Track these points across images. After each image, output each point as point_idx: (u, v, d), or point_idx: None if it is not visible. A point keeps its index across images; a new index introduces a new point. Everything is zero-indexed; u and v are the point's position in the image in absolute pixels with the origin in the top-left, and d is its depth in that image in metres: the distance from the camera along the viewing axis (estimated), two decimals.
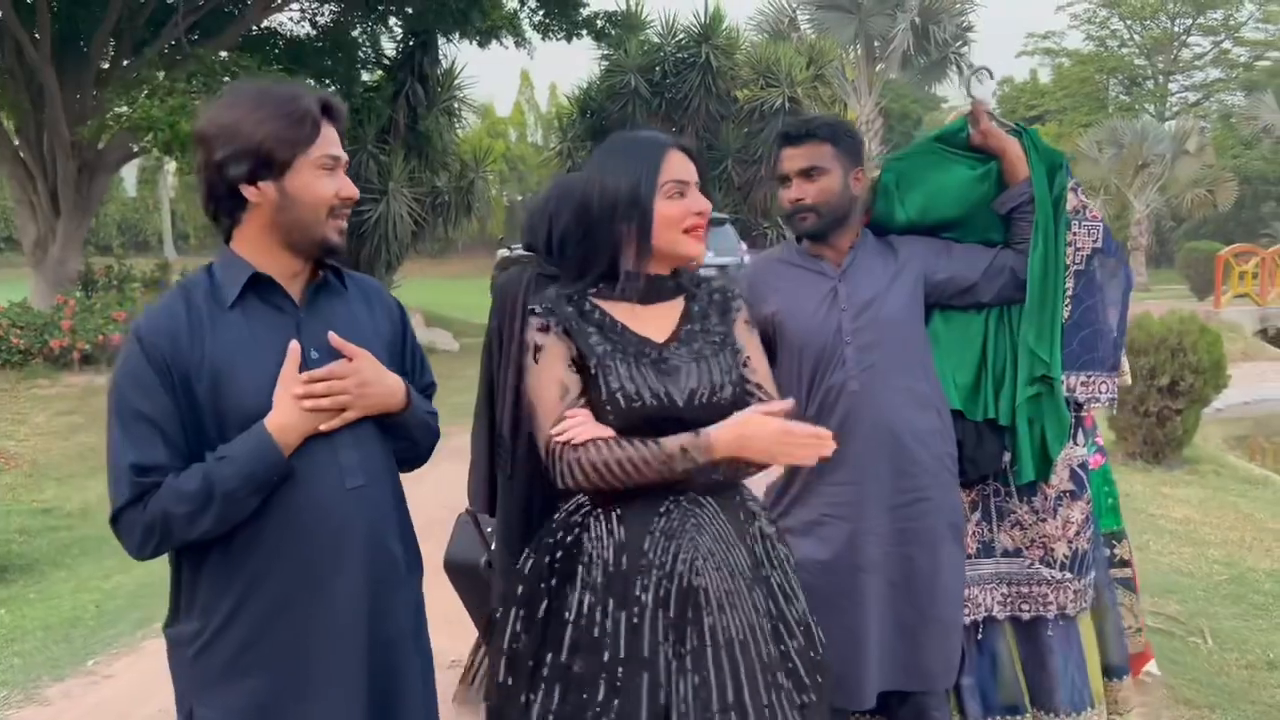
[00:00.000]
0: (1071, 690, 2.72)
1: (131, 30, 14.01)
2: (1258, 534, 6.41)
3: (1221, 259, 21.25)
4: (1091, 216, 2.67)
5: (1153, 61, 48.80)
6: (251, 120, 1.73)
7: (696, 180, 1.99)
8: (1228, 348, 18.08)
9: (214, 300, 1.77)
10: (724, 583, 1.85)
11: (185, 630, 1.78)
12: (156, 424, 1.70)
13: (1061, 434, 2.61)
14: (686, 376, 1.88)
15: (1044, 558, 2.70)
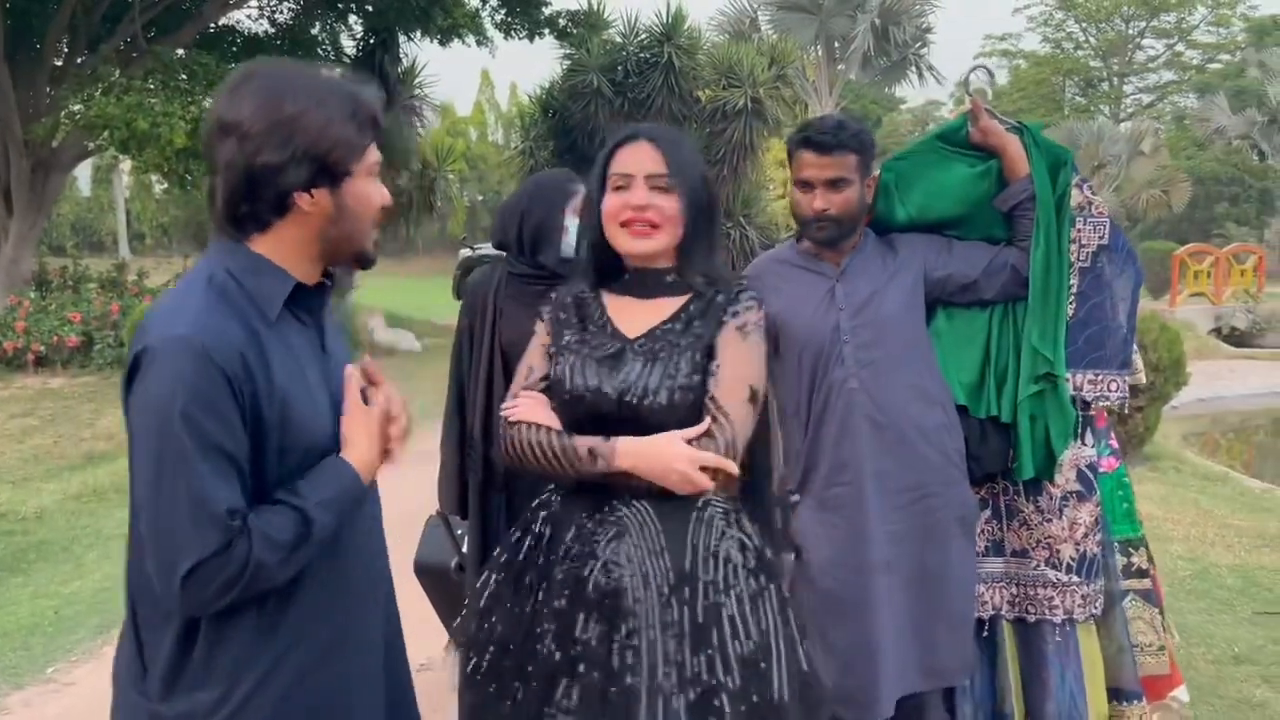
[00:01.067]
0: (1067, 704, 2.67)
1: (86, 26, 13.80)
2: (1219, 530, 6.49)
3: (1177, 259, 21.59)
4: (1098, 213, 2.68)
5: (1108, 64, 49.50)
6: (318, 120, 1.52)
7: (654, 172, 1.91)
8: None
9: (258, 312, 1.53)
10: (634, 590, 1.79)
11: (200, 702, 1.50)
12: (235, 459, 1.46)
13: (1065, 431, 2.60)
14: (626, 374, 1.86)
15: (1050, 559, 2.68)
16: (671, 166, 1.91)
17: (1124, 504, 2.88)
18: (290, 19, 16.53)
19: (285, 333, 1.56)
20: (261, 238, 1.57)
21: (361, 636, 1.66)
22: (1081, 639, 2.70)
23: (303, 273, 1.60)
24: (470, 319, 3.01)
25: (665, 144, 1.93)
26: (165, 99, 11.71)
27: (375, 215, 1.64)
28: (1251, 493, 7.89)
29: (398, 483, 6.66)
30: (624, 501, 1.84)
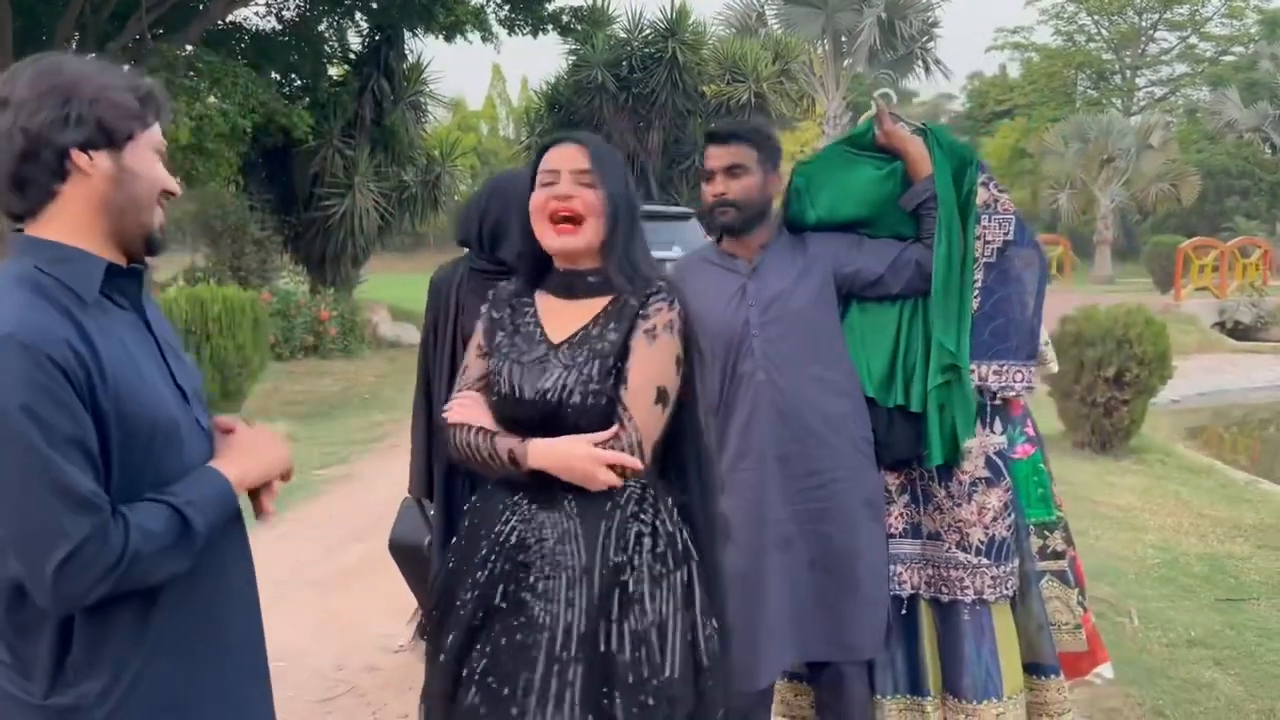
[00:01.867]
0: (982, 677, 2.77)
1: (94, 25, 13.96)
2: (1195, 520, 6.59)
3: (1182, 252, 21.59)
4: (1003, 209, 2.78)
5: (1120, 56, 49.32)
6: (95, 84, 1.54)
7: (579, 168, 1.99)
8: (1185, 340, 18.47)
9: (75, 299, 1.52)
10: (544, 572, 1.92)
11: (87, 690, 1.53)
12: (86, 448, 1.45)
13: (968, 420, 2.71)
14: (546, 378, 1.97)
15: (960, 542, 2.77)
16: (595, 164, 2.00)
17: (1039, 489, 2.97)
18: (296, 16, 16.70)
19: (106, 318, 1.55)
20: (50, 220, 1.55)
21: (236, 605, 1.73)
22: (995, 617, 2.79)
23: (106, 255, 1.59)
24: (434, 314, 3.14)
25: (590, 145, 2.03)
26: (170, 97, 11.85)
27: (160, 186, 1.63)
28: (1234, 484, 7.97)
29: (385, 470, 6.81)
30: (548, 492, 1.96)
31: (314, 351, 13.71)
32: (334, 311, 14.08)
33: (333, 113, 15.83)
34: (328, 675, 4.09)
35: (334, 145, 15.75)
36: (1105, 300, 9.97)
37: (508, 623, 1.91)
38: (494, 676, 1.89)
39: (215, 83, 12.93)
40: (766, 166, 2.70)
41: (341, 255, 16.36)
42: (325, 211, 15.84)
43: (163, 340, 1.68)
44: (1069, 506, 6.65)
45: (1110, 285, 29.77)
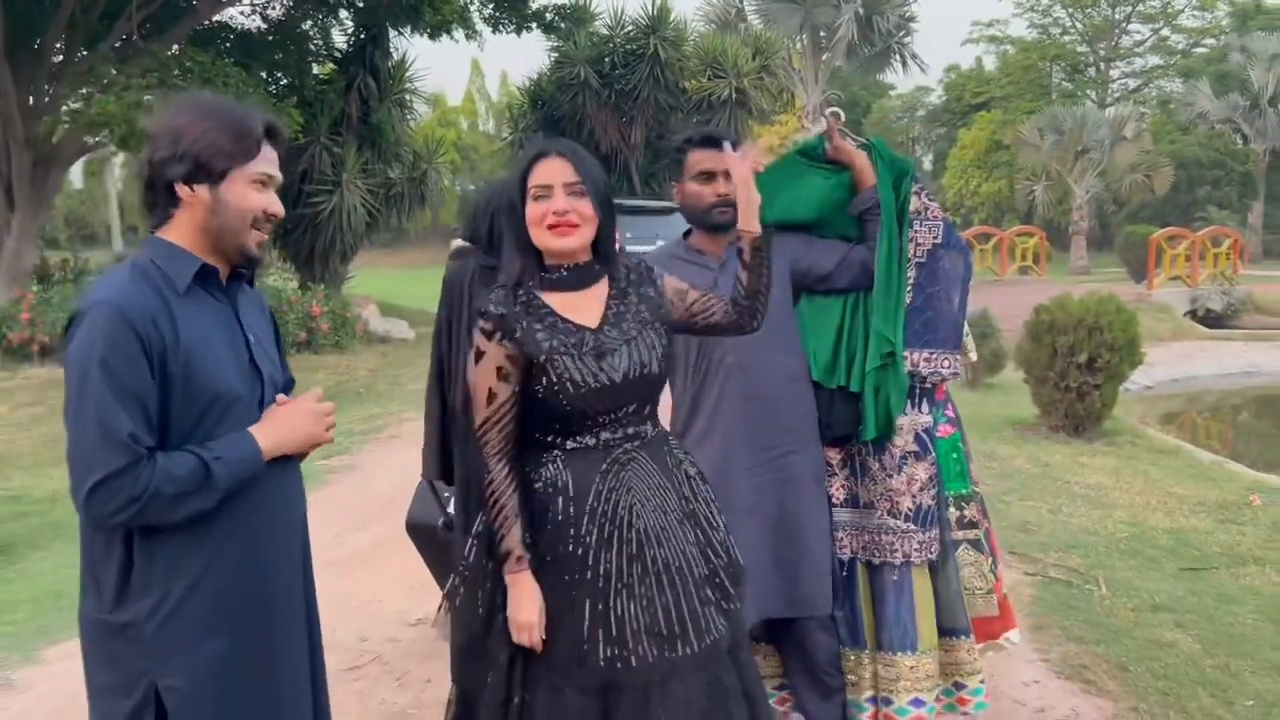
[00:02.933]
0: (900, 632, 3.06)
1: (85, 25, 14.13)
2: (1163, 498, 6.93)
3: (1154, 242, 22.01)
4: (933, 216, 3.08)
5: (1094, 48, 49.83)
6: (199, 128, 1.89)
7: (569, 181, 2.21)
8: (1158, 328, 18.89)
9: (169, 285, 1.88)
10: (658, 521, 2.24)
11: (141, 608, 1.85)
12: (142, 401, 1.79)
13: (900, 399, 3.02)
14: (619, 358, 2.22)
15: (891, 510, 3.07)
16: (583, 175, 2.23)
17: (957, 465, 3.27)
18: (282, 15, 16.88)
19: (196, 304, 1.91)
20: (170, 228, 1.94)
21: (278, 553, 2.02)
22: (915, 579, 3.09)
23: (208, 259, 1.94)
24: (449, 307, 3.39)
25: (575, 156, 2.25)
26: (162, 96, 12.06)
27: (252, 214, 1.95)
28: (1200, 465, 8.32)
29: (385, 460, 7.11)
30: (625, 454, 2.25)
31: (306, 347, 13.93)
32: (325, 307, 14.29)
33: (320, 111, 16.04)
34: (351, 647, 4.36)
35: (321, 143, 15.96)
36: (1081, 290, 10.31)
37: (647, 580, 2.21)
38: (660, 624, 2.20)
39: (206, 82, 13.08)
40: None
41: (330, 252, 16.58)
42: (314, 208, 16.05)
43: (250, 331, 2.02)
44: (1044, 486, 7.02)
45: (1086, 275, 30.20)
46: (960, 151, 47.35)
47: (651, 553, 2.22)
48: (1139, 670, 4.06)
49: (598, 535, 2.21)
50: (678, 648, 2.19)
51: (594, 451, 2.24)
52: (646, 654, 2.17)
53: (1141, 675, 4.02)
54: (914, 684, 3.05)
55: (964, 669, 3.18)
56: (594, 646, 2.17)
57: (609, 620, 2.18)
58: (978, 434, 9.01)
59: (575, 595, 2.20)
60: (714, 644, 2.24)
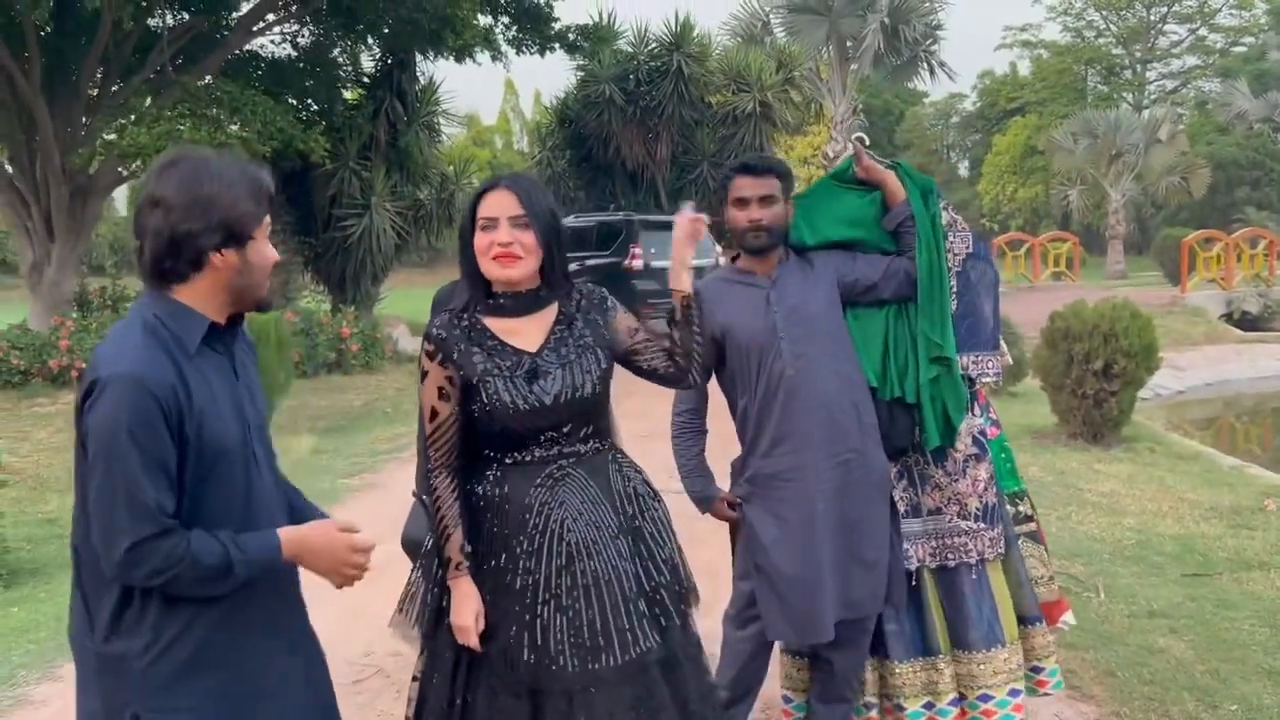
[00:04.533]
0: (986, 630, 3.20)
1: (118, 59, 14.49)
2: (1174, 504, 6.92)
3: (1187, 245, 21.79)
4: (962, 228, 3.26)
5: (1130, 50, 49.42)
6: (229, 197, 1.96)
7: (514, 214, 2.32)
8: (1192, 331, 18.68)
9: (180, 348, 1.96)
10: (589, 535, 2.34)
11: (134, 644, 1.94)
12: (166, 468, 1.89)
13: (960, 406, 3.15)
14: (551, 381, 2.33)
15: (961, 512, 3.21)
16: (527, 208, 2.33)
17: (1007, 464, 3.45)
18: (311, 43, 17.21)
19: (202, 362, 2.00)
20: (186, 288, 1.99)
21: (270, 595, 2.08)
22: (991, 577, 3.24)
23: (214, 314, 2.02)
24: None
25: (520, 190, 2.35)
26: (193, 126, 12.39)
27: (271, 267, 2.07)
28: (1219, 470, 8.28)
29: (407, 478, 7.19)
30: (560, 470, 2.37)
31: (337, 368, 14.17)
32: (355, 329, 14.53)
33: (348, 136, 16.33)
34: (356, 661, 4.50)
35: (350, 167, 16.24)
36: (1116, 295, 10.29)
37: (575, 592, 2.32)
38: (584, 636, 2.30)
39: (235, 112, 13.42)
40: (787, 195, 3.15)
41: (361, 274, 16.85)
42: (344, 232, 16.34)
43: (244, 381, 2.11)
44: (1056, 494, 7.03)
45: (1123, 280, 29.91)
46: (995, 157, 47.14)
47: (581, 565, 2.33)
48: (1126, 676, 4.11)
49: (528, 546, 2.33)
50: (601, 659, 2.29)
51: (530, 466, 2.36)
52: (568, 664, 2.28)
53: (1129, 681, 4.07)
54: (1009, 676, 3.23)
55: (1040, 653, 3.36)
56: (520, 652, 2.30)
57: (535, 628, 2.30)
58: None
59: (507, 602, 2.33)
60: (640, 657, 2.32)
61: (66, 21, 13.19)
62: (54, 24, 13.52)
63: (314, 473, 8.46)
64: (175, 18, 15.20)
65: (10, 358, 12.04)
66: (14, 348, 12.17)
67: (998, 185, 46.18)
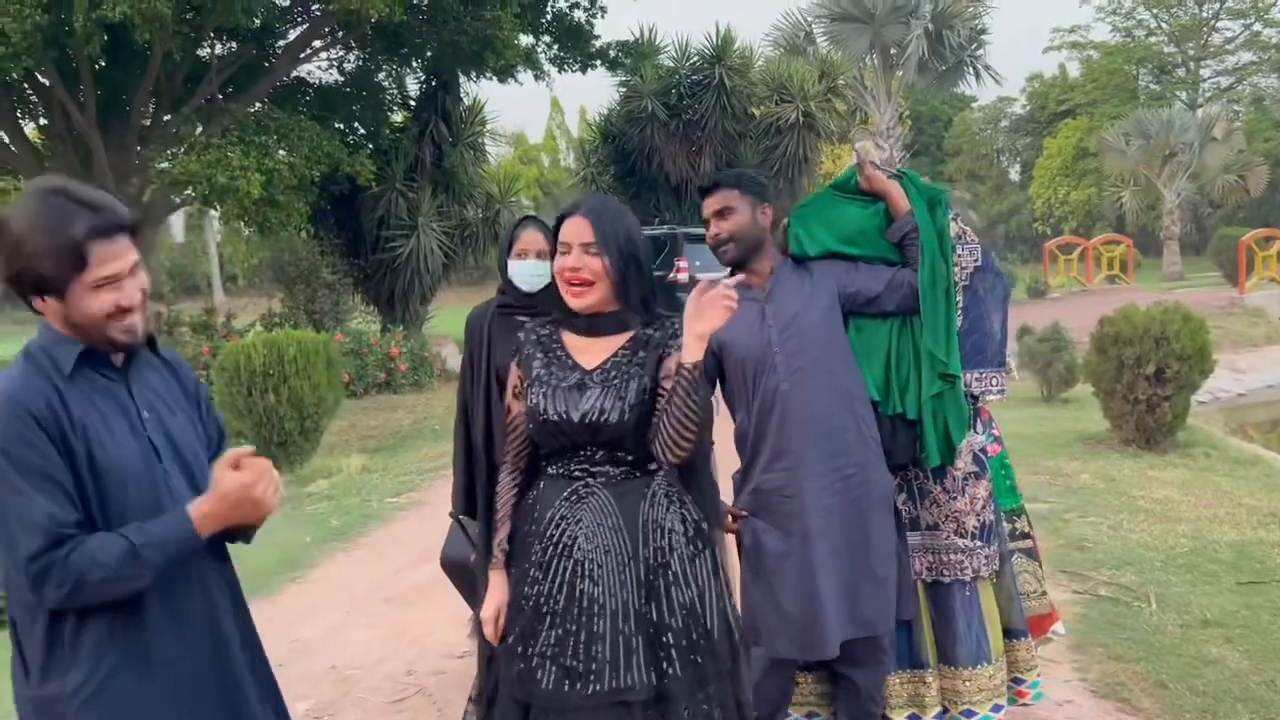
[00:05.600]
0: (974, 647, 3.17)
1: (169, 90, 14.84)
2: (1232, 509, 6.75)
3: (1244, 245, 21.35)
4: (971, 240, 3.21)
5: (1182, 48, 48.59)
6: (29, 246, 1.90)
7: (585, 241, 2.37)
8: (1253, 332, 18.27)
9: (56, 371, 1.95)
10: (596, 559, 2.33)
11: (71, 680, 1.90)
12: (55, 479, 1.86)
13: (962, 425, 3.09)
14: (587, 399, 2.35)
15: (958, 530, 3.17)
16: (598, 235, 2.37)
17: (1006, 481, 3.41)
18: (356, 68, 17.48)
19: (87, 385, 1.98)
20: (48, 316, 2.00)
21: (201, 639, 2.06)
22: (982, 594, 3.19)
23: (92, 343, 1.99)
24: (470, 348, 3.56)
25: (595, 216, 2.40)
26: (242, 153, 12.62)
27: (102, 316, 1.95)
28: (1279, 474, 8.09)
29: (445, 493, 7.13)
30: (586, 488, 2.39)
31: (386, 387, 14.31)
32: (404, 348, 14.68)
33: (395, 158, 16.54)
34: (399, 680, 4.52)
35: (397, 189, 16.45)
36: (1172, 297, 10.10)
37: (571, 610, 2.32)
38: (567, 656, 2.29)
39: (283, 138, 13.65)
40: (752, 201, 3.08)
41: (409, 294, 17.03)
42: (392, 253, 16.54)
43: (144, 406, 2.06)
44: (1110, 501, 6.90)
45: (1180, 281, 29.40)
46: (1047, 160, 46.57)
47: (581, 586, 2.32)
48: (1178, 688, 4.00)
49: (540, 556, 2.37)
50: (577, 684, 2.27)
51: (561, 480, 2.41)
52: (545, 680, 2.30)
53: (1180, 693, 3.96)
54: (993, 693, 3.20)
55: (1023, 666, 3.33)
56: (514, 660, 2.36)
57: (528, 638, 2.34)
58: (1047, 450, 8.90)
59: (515, 606, 2.41)
60: (618, 691, 2.26)
61: (119, 55, 13.51)
62: (107, 58, 13.83)
63: (362, 490, 8.55)
64: (224, 48, 15.52)
65: None
66: None
67: (1049, 189, 45.60)
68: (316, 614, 5.47)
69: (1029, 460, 8.47)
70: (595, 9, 16.88)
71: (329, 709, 4.20)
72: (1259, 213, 36.07)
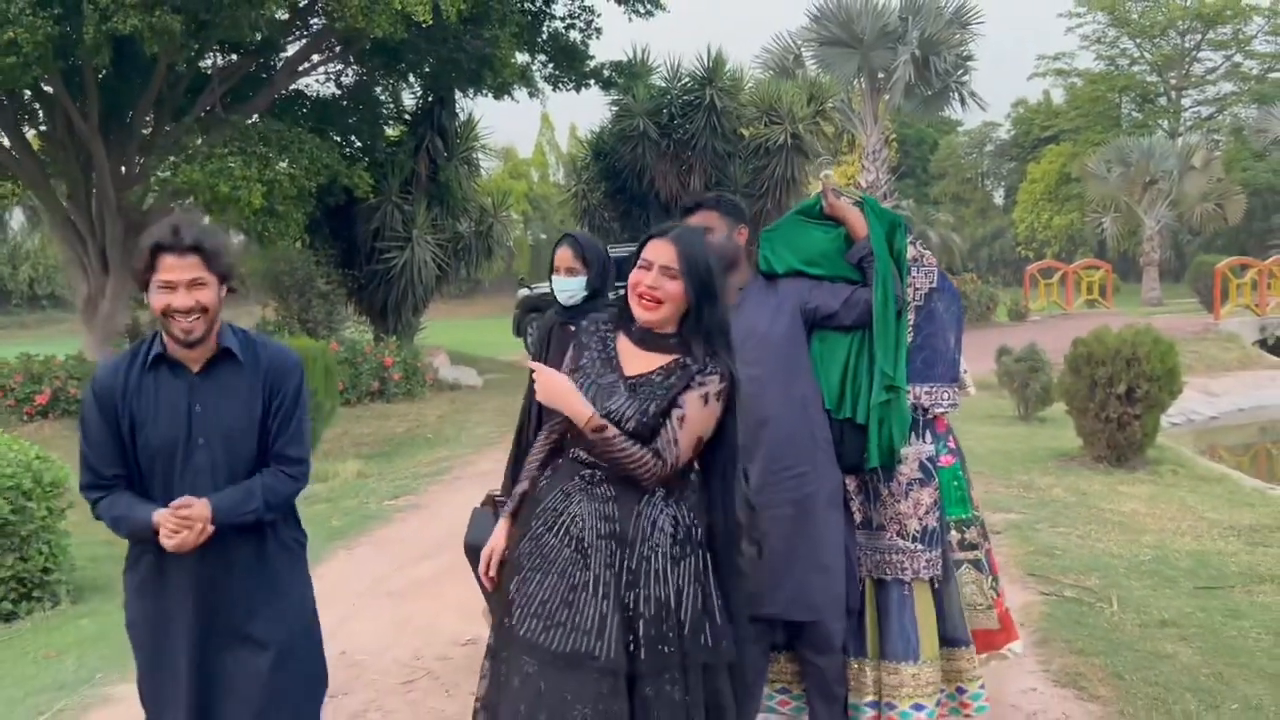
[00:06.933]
0: (904, 644, 3.40)
1: (171, 99, 15.10)
2: (1194, 522, 7.10)
3: (1219, 272, 21.82)
4: (928, 263, 3.48)
5: (1165, 78, 49.30)
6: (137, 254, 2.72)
7: (667, 265, 2.61)
8: (1226, 357, 18.71)
9: (138, 362, 2.75)
10: (590, 537, 2.62)
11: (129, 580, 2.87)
12: (101, 444, 2.73)
13: (903, 432, 3.37)
14: (613, 400, 2.61)
15: (900, 531, 3.43)
16: (682, 263, 2.61)
17: (958, 491, 3.62)
18: (354, 82, 17.78)
19: (155, 378, 2.75)
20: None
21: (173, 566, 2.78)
22: (918, 595, 3.43)
23: (172, 350, 2.74)
24: (537, 349, 3.99)
25: (682, 245, 2.63)
26: (243, 164, 12.89)
27: (159, 312, 2.67)
28: (1242, 490, 8.43)
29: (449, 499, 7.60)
30: (590, 479, 2.66)
31: (379, 396, 14.56)
32: (397, 358, 14.94)
33: (390, 171, 16.83)
34: (406, 664, 4.80)
35: (392, 201, 16.74)
36: (1155, 322, 10.40)
37: (563, 576, 2.61)
38: (552, 614, 2.58)
39: (283, 149, 13.93)
40: (729, 223, 3.40)
41: (402, 304, 17.31)
42: (386, 264, 16.82)
43: (199, 400, 2.77)
44: (1079, 514, 7.22)
45: (1159, 307, 29.90)
46: (1030, 185, 47.13)
47: (575, 558, 2.62)
48: (1133, 679, 4.32)
49: (541, 523, 2.68)
50: (551, 638, 2.56)
51: (577, 465, 2.68)
52: (523, 627, 2.60)
53: (1135, 683, 4.28)
54: (915, 690, 3.38)
55: (966, 675, 3.52)
56: (512, 613, 2.65)
57: (523, 591, 2.64)
58: (1022, 465, 9.24)
59: (513, 564, 2.70)
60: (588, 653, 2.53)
61: (123, 65, 13.76)
62: (111, 67, 14.10)
63: (360, 494, 8.82)
64: (225, 59, 15.79)
65: (69, 387, 12.54)
66: (71, 377, 12.68)
67: (1032, 213, 46.17)
68: (323, 606, 5.66)
69: (1004, 474, 8.82)
70: (590, 30, 17.27)
71: (342, 689, 4.47)
72: (1236, 240, 36.72)
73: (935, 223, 26.31)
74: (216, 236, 2.76)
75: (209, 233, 2.72)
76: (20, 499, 6.00)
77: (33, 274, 41.51)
